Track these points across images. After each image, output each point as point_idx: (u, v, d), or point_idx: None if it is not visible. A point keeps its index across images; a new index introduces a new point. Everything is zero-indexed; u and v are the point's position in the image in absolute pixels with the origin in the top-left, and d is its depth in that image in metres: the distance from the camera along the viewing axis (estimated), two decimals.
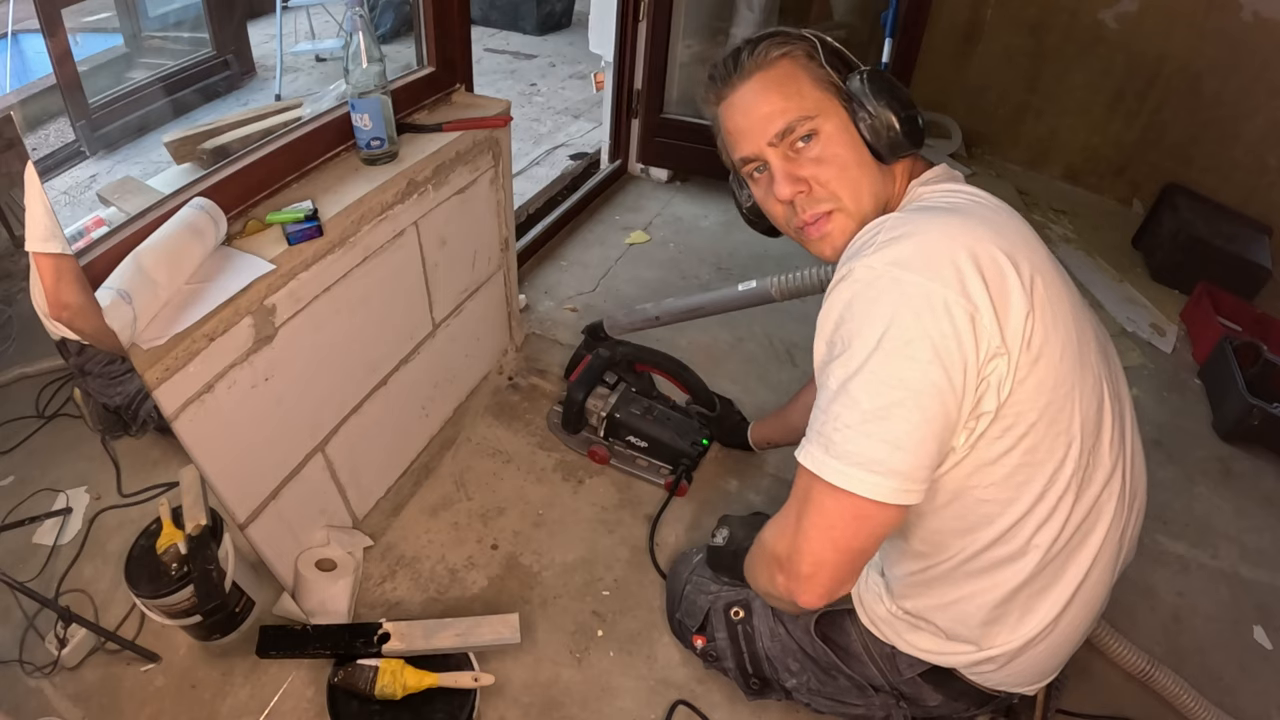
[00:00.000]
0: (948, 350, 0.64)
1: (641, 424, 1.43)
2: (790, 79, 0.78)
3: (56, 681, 1.01)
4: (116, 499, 1.06)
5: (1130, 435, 0.83)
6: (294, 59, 2.89)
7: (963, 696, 0.90)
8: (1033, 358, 0.68)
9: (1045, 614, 0.80)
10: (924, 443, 0.66)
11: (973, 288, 0.65)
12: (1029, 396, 0.69)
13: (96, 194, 1.27)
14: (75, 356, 0.88)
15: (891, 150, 0.78)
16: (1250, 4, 2.26)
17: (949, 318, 0.64)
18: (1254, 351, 1.86)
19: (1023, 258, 0.70)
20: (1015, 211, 0.80)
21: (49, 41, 1.54)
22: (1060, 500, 0.74)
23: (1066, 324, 0.72)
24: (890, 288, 0.66)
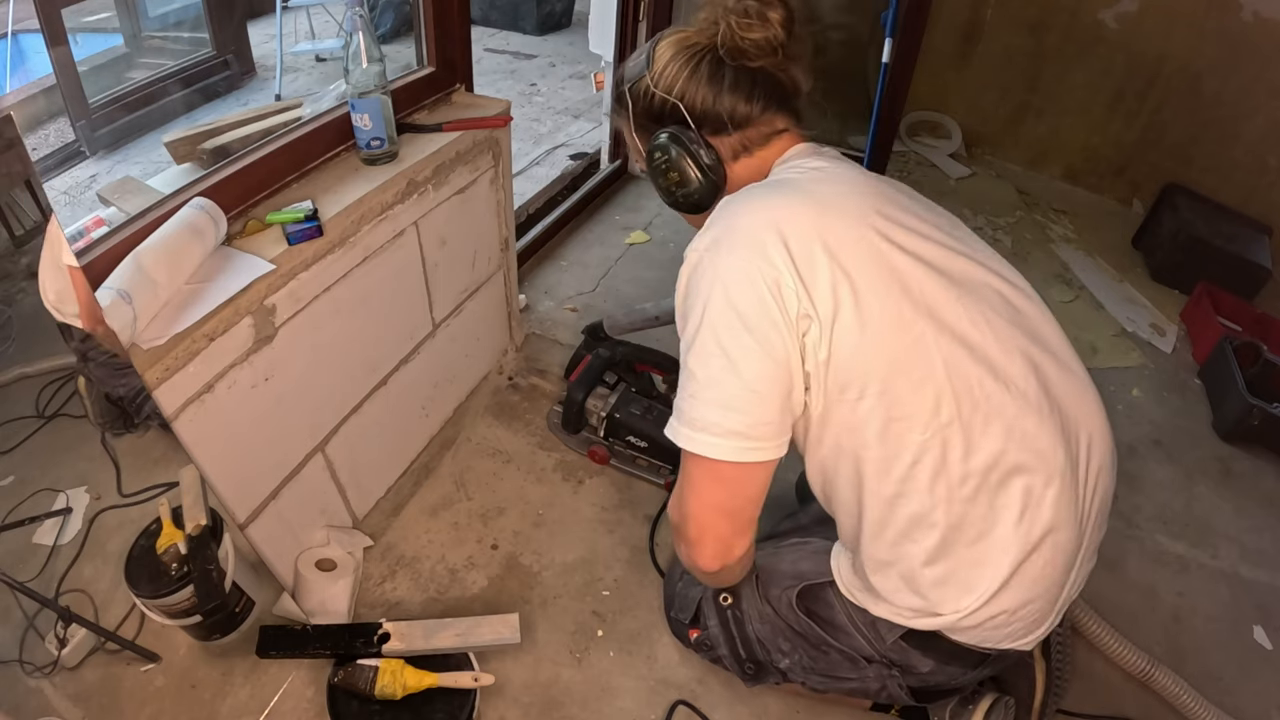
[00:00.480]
0: (758, 315, 0.73)
1: (641, 424, 1.43)
2: (625, 132, 0.95)
3: (56, 681, 1.01)
4: (116, 499, 1.06)
5: (1063, 387, 0.81)
6: (294, 59, 2.89)
7: (954, 659, 0.89)
8: (854, 323, 0.73)
9: (995, 568, 0.78)
10: (756, 402, 0.74)
11: (775, 257, 0.73)
12: (864, 358, 0.74)
13: (96, 194, 1.27)
14: (78, 343, 0.88)
15: (677, 207, 0.92)
16: (1250, 4, 2.26)
17: (753, 286, 0.73)
18: (1254, 351, 1.86)
19: (843, 227, 0.76)
20: (873, 176, 0.86)
21: (49, 41, 1.54)
22: (946, 450, 0.75)
23: (913, 285, 0.76)
24: (708, 268, 0.76)
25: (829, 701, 1.13)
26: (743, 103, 0.84)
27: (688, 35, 0.85)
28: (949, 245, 0.82)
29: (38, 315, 0.88)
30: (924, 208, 0.86)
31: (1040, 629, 0.87)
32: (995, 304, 0.81)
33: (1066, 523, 0.80)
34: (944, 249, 0.81)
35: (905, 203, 0.84)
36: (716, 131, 0.85)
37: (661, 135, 0.86)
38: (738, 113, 0.84)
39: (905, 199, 0.85)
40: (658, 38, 0.88)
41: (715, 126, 0.85)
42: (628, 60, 0.91)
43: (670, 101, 0.84)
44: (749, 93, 0.83)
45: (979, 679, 0.96)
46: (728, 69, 0.83)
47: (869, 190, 0.82)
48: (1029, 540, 0.78)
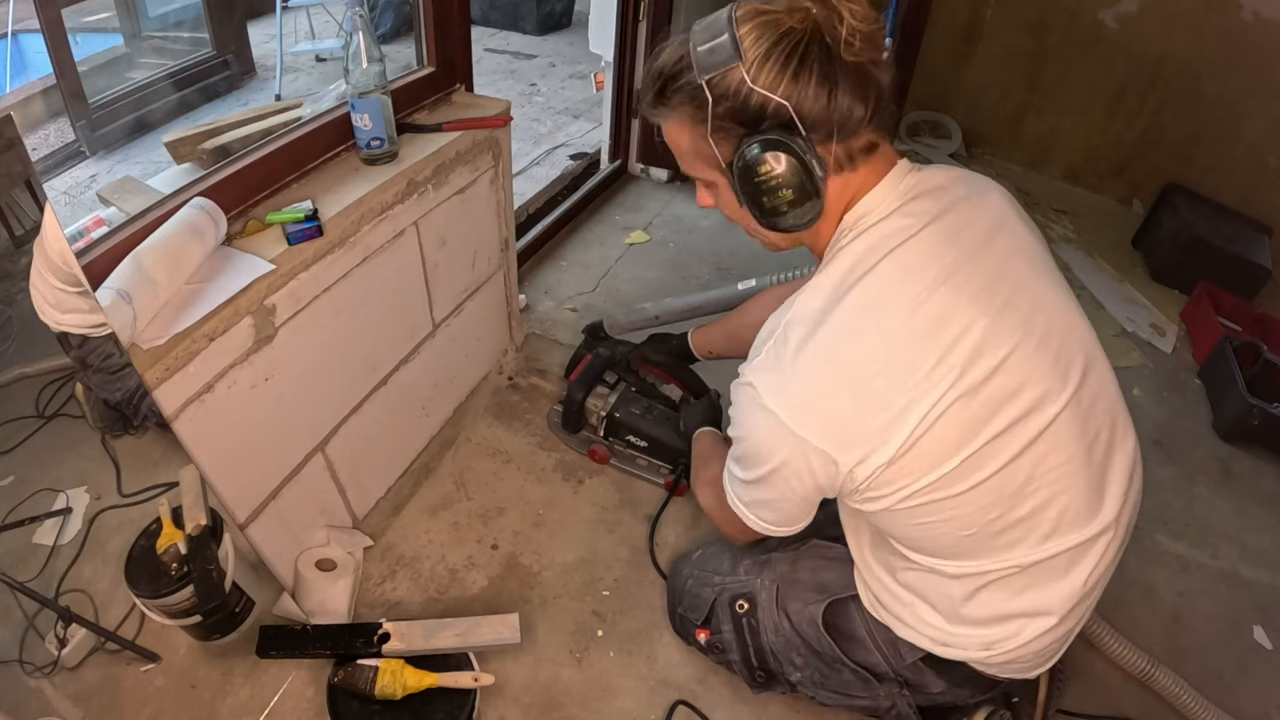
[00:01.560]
0: (791, 473, 0.77)
1: (641, 423, 1.43)
2: (682, 137, 0.78)
3: (56, 681, 1.01)
4: (116, 499, 1.06)
5: (1112, 441, 0.82)
6: (294, 59, 2.89)
7: (966, 682, 0.91)
8: (902, 471, 0.73)
9: (1035, 620, 0.82)
10: (787, 512, 0.84)
11: (825, 443, 0.73)
12: (900, 482, 0.74)
13: (96, 194, 1.27)
14: (76, 349, 0.88)
15: (771, 227, 0.77)
16: (1250, 4, 2.26)
17: (793, 456, 0.75)
18: (1254, 351, 1.86)
19: (911, 381, 0.71)
20: (972, 225, 0.78)
21: (49, 41, 1.55)
22: (1027, 533, 0.78)
23: (987, 404, 0.72)
24: (761, 421, 0.76)
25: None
26: (859, 105, 0.70)
27: (778, 17, 0.69)
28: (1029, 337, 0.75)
29: (38, 315, 0.88)
30: (996, 265, 0.77)
31: (1052, 661, 0.90)
32: (1083, 360, 0.80)
33: (1098, 577, 0.82)
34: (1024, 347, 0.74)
35: (985, 287, 0.75)
36: (824, 140, 0.71)
37: (755, 144, 0.70)
38: (853, 118, 0.70)
39: (981, 271, 0.76)
40: (732, 16, 0.70)
41: (824, 134, 0.71)
42: (692, 45, 0.72)
43: (775, 101, 0.68)
44: (863, 94, 0.70)
45: (985, 699, 0.97)
46: (837, 64, 0.68)
47: (952, 272, 0.74)
48: (1073, 595, 0.81)
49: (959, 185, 0.81)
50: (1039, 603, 0.81)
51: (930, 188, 0.78)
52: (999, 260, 0.77)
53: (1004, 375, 0.72)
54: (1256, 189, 2.44)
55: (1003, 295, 0.75)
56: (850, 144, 0.73)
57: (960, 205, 0.78)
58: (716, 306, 1.43)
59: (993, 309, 0.73)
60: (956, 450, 0.72)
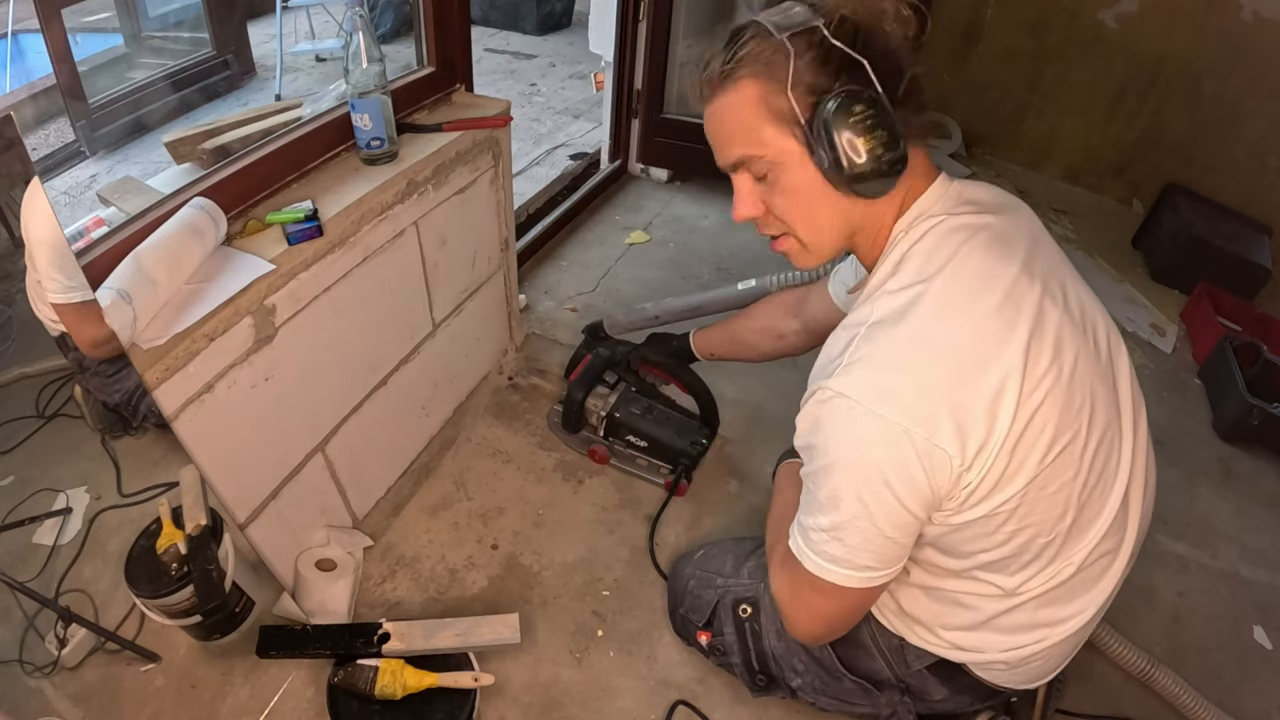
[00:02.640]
0: (900, 485, 0.68)
1: (641, 423, 1.43)
2: (746, 108, 0.72)
3: (56, 681, 1.01)
4: (116, 499, 1.06)
5: (1135, 449, 0.81)
6: (294, 59, 2.89)
7: (968, 691, 0.91)
8: (1010, 463, 0.70)
9: (1051, 629, 0.82)
10: (883, 548, 0.72)
11: (939, 437, 0.66)
12: (1006, 483, 0.71)
13: (96, 194, 1.27)
14: (74, 352, 0.88)
15: (855, 189, 0.71)
16: (1250, 4, 2.26)
17: (903, 462, 0.67)
18: (1254, 351, 1.86)
19: (1009, 362, 0.68)
20: (1017, 236, 0.77)
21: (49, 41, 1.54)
22: (1060, 549, 0.78)
23: (1069, 402, 0.71)
24: (860, 428, 0.68)
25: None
26: (919, 84, 0.71)
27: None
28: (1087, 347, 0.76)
29: (37, 316, 0.88)
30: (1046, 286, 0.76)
31: (1058, 669, 0.90)
32: (1117, 376, 0.81)
33: (1117, 586, 0.83)
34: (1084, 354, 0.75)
35: (1050, 288, 0.75)
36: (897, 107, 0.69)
37: (840, 93, 0.67)
38: (917, 91, 0.71)
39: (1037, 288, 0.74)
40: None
41: (891, 99, 0.68)
42: (762, 17, 0.70)
43: (853, 58, 0.66)
44: (919, 89, 0.71)
45: (983, 709, 0.97)
46: (898, 41, 0.70)
47: (1023, 254, 0.74)
48: (1097, 603, 0.82)
49: (997, 197, 0.81)
50: (1066, 612, 0.81)
51: (973, 198, 0.78)
52: (1048, 268, 0.77)
53: (1079, 374, 0.72)
54: (1256, 189, 2.44)
55: (1063, 300, 0.75)
56: (913, 119, 0.71)
57: (1003, 215, 0.78)
58: (717, 306, 1.43)
59: (1059, 309, 0.73)
60: (1054, 440, 0.70)
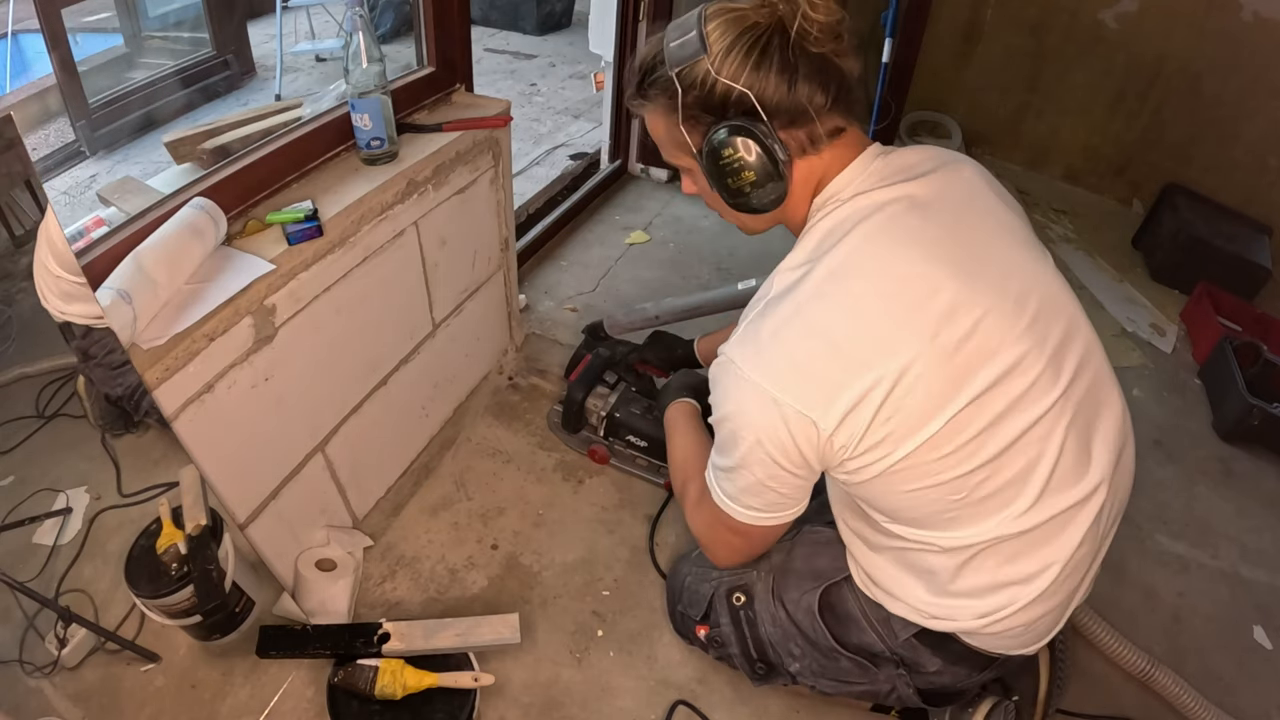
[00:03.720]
0: (770, 444, 0.77)
1: (641, 423, 1.43)
2: (659, 128, 0.84)
3: (56, 681, 1.01)
4: (116, 499, 1.06)
5: (1086, 400, 0.81)
6: (294, 59, 2.89)
7: (962, 660, 0.90)
8: (891, 429, 0.74)
9: (1020, 588, 0.81)
10: (764, 494, 0.83)
11: (804, 405, 0.74)
12: (892, 446, 0.75)
13: (96, 194, 1.27)
14: (79, 340, 0.88)
15: (737, 208, 0.82)
16: (1250, 4, 2.26)
17: (772, 425, 0.75)
18: (1254, 351, 1.86)
19: (883, 337, 0.73)
20: (942, 199, 0.80)
21: (49, 41, 1.55)
22: (1008, 502, 0.78)
23: (964, 368, 0.73)
24: (740, 390, 0.77)
25: (829, 702, 1.13)
26: (819, 93, 0.75)
27: (743, 14, 0.75)
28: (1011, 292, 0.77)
29: (38, 315, 0.88)
30: (982, 234, 0.81)
31: (1050, 635, 0.89)
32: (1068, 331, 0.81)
33: (1089, 539, 0.82)
34: (1004, 306, 0.76)
35: (957, 255, 0.77)
36: (786, 125, 0.77)
37: (725, 129, 0.75)
38: (814, 104, 0.75)
39: (957, 238, 0.78)
40: (702, 14, 0.76)
41: (786, 120, 0.76)
42: (666, 41, 0.78)
43: (738, 90, 0.74)
44: (822, 82, 0.75)
45: (983, 681, 0.96)
46: (799, 55, 0.73)
47: (929, 247, 0.76)
48: (1064, 559, 0.80)
49: (930, 161, 0.83)
50: (1031, 568, 0.80)
51: (901, 166, 0.82)
52: (971, 229, 0.80)
53: (981, 336, 0.74)
54: (1256, 189, 2.44)
55: (975, 261, 0.77)
56: (813, 129, 0.77)
57: (932, 178, 0.81)
58: (716, 306, 1.43)
59: (965, 273, 0.75)
60: (939, 410, 0.73)
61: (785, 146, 0.77)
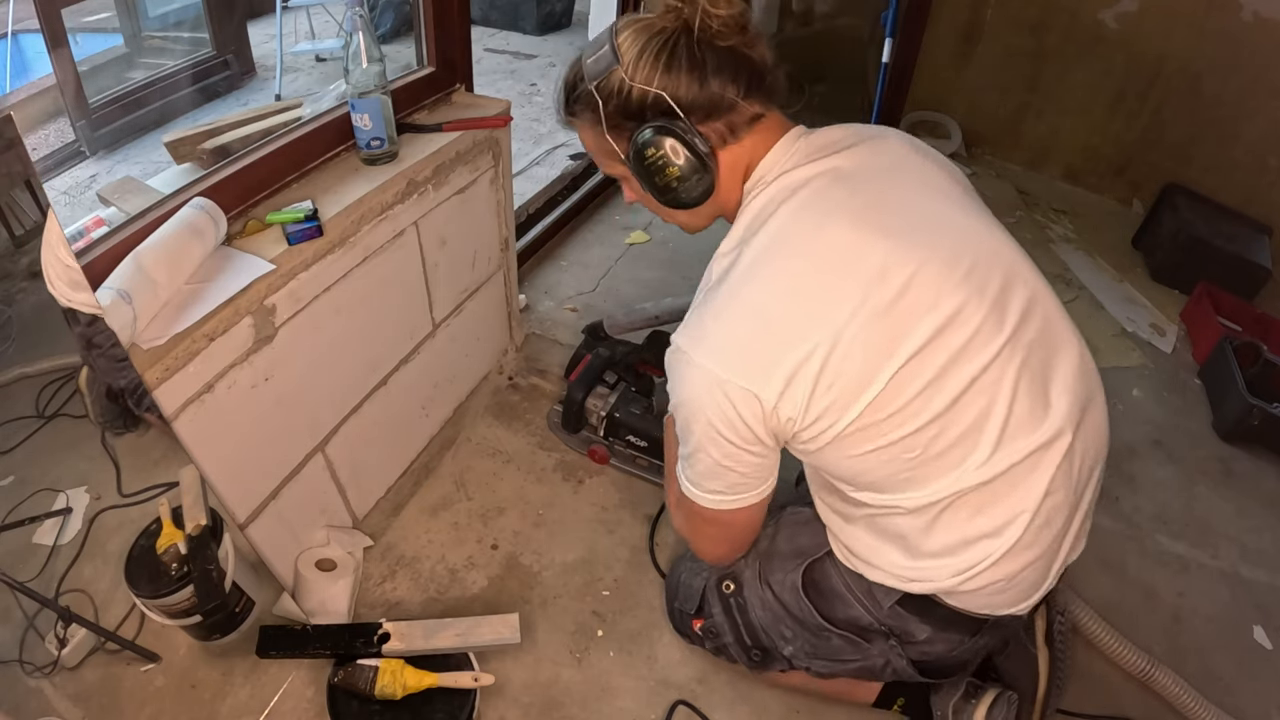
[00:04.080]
0: (720, 423, 0.79)
1: (641, 423, 1.43)
2: (588, 141, 0.89)
3: (56, 681, 1.01)
4: (116, 499, 1.06)
5: (1036, 345, 0.81)
6: (294, 59, 2.89)
7: (951, 625, 0.89)
8: (834, 395, 0.76)
9: (990, 541, 0.81)
10: (724, 475, 0.84)
11: (746, 381, 0.76)
12: (839, 411, 0.77)
13: (96, 194, 1.27)
14: (84, 327, 0.87)
15: (668, 205, 0.85)
16: (1250, 4, 2.26)
17: (719, 404, 0.78)
18: (1254, 351, 1.86)
19: (814, 308, 0.75)
20: (867, 169, 0.83)
21: (49, 41, 1.55)
22: (967, 453, 0.78)
23: (900, 326, 0.75)
24: (688, 375, 0.80)
25: (829, 702, 1.13)
26: (730, 85, 0.79)
27: (651, 21, 0.79)
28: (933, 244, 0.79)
29: (38, 315, 0.88)
30: (902, 198, 0.83)
31: (1037, 593, 0.88)
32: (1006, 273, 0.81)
33: (1061, 487, 0.81)
34: (930, 260, 0.77)
35: (884, 218, 0.79)
36: (704, 119, 0.80)
37: (646, 130, 0.79)
38: (726, 96, 0.79)
39: (882, 205, 0.81)
40: (613, 29, 0.81)
41: (703, 114, 0.80)
42: (582, 59, 0.83)
43: (652, 93, 0.78)
44: (733, 74, 0.79)
45: (980, 650, 0.95)
46: (706, 51, 0.77)
47: (852, 218, 0.79)
48: (1034, 506, 0.80)
49: (853, 136, 0.86)
50: (999, 519, 0.80)
51: (824, 143, 0.85)
52: (899, 194, 0.82)
53: (914, 292, 0.75)
54: (1256, 189, 2.44)
55: (904, 223, 0.79)
56: (731, 118, 0.81)
57: (855, 150, 0.84)
58: None
59: (893, 235, 0.77)
60: (879, 369, 0.75)
61: (705, 139, 0.80)
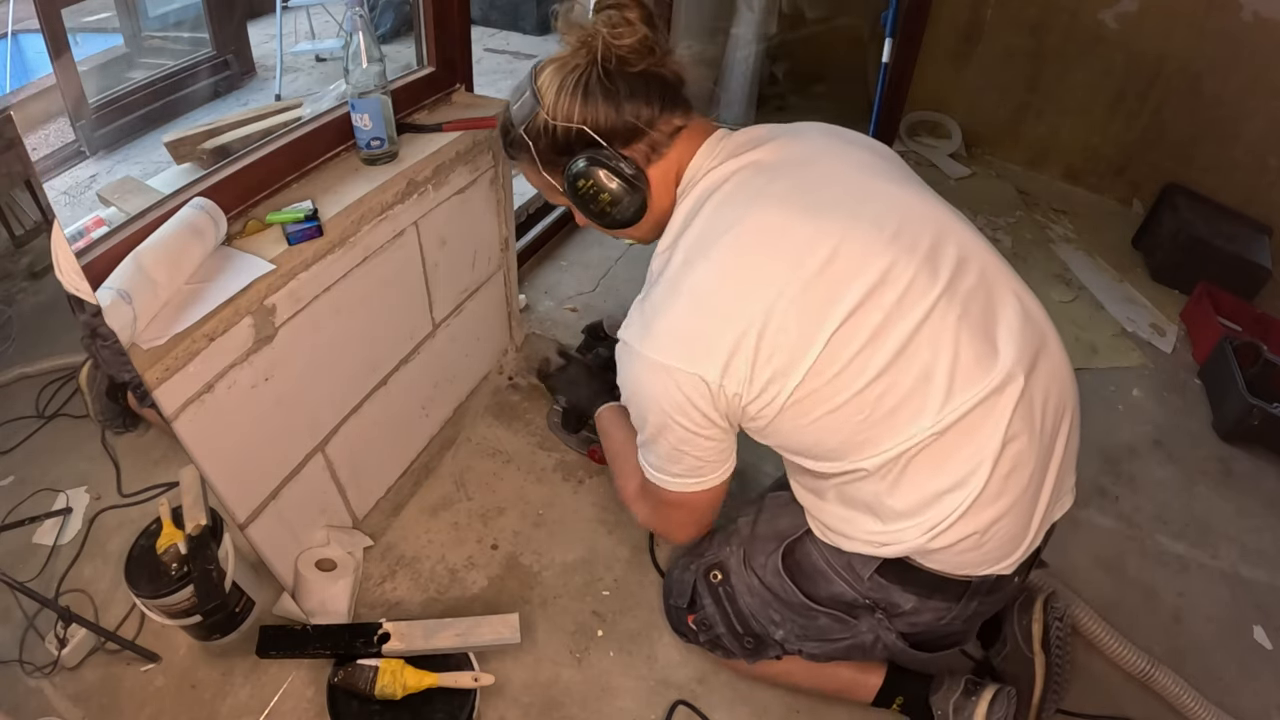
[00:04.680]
0: (670, 408, 0.83)
1: None
2: (532, 178, 0.96)
3: (56, 681, 1.02)
4: (116, 499, 1.06)
5: (972, 297, 0.82)
6: (294, 59, 2.89)
7: (935, 592, 0.89)
8: (775, 365, 0.80)
9: (954, 494, 0.81)
10: (680, 459, 0.89)
11: (691, 365, 0.80)
12: (780, 379, 0.80)
13: (96, 194, 1.27)
14: (89, 316, 0.87)
15: (617, 227, 0.92)
16: (1250, 4, 2.26)
17: (676, 409, 0.83)
18: (1254, 351, 1.86)
19: (744, 290, 0.80)
20: (789, 157, 0.88)
21: (49, 41, 1.55)
22: (917, 411, 0.80)
23: (831, 292, 0.79)
24: (636, 368, 0.85)
25: (829, 701, 1.13)
26: (643, 107, 0.85)
27: (564, 60, 0.86)
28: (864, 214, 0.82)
29: (38, 315, 0.88)
30: (826, 176, 0.87)
31: (1018, 550, 0.87)
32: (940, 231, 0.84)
33: (1023, 432, 0.81)
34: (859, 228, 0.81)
35: (806, 198, 0.83)
36: (627, 143, 0.87)
37: (579, 162, 0.86)
38: (641, 118, 0.86)
39: (802, 187, 0.85)
40: (532, 73, 0.88)
41: (625, 139, 0.87)
42: (510, 105, 0.91)
43: (574, 128, 0.85)
44: (645, 96, 0.85)
45: (972, 619, 0.95)
46: (618, 80, 0.84)
47: (771, 211, 0.83)
48: (994, 451, 0.80)
49: (772, 131, 0.92)
50: (960, 470, 0.80)
51: (744, 140, 0.90)
52: (820, 174, 0.86)
53: (843, 259, 0.79)
54: (1256, 189, 2.44)
55: (827, 199, 0.83)
56: (652, 137, 0.88)
57: (775, 143, 0.89)
58: None
59: (816, 210, 0.82)
60: (814, 335, 0.78)
61: (631, 161, 0.87)
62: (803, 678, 1.10)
